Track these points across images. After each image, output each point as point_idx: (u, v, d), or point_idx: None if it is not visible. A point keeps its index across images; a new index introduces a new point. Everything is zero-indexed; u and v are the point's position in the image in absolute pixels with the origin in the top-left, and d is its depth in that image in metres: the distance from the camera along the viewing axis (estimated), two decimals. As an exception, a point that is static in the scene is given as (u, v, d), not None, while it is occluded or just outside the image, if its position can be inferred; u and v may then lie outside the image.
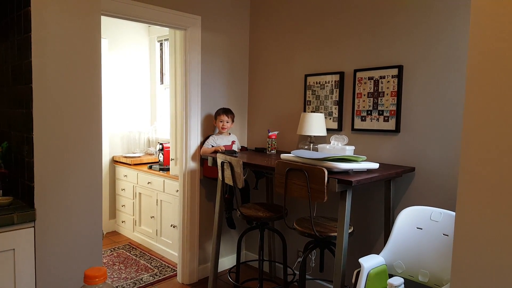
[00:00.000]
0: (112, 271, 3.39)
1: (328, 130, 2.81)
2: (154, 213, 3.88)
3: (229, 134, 3.20)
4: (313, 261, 2.97)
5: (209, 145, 3.07)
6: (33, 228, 1.61)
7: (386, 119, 2.49)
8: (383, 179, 2.16)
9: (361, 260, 1.95)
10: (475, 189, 1.04)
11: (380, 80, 2.51)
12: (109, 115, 4.41)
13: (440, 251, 1.96)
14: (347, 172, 2.07)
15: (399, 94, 2.42)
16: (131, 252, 3.87)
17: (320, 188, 1.98)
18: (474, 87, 1.03)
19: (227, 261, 3.45)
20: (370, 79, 2.57)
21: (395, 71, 2.44)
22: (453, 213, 1.98)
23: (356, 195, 2.70)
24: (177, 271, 3.32)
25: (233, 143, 3.17)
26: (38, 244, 1.63)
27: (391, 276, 2.06)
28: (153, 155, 4.50)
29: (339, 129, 2.78)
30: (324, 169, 1.96)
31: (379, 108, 2.52)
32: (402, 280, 1.77)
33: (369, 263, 1.95)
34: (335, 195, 2.78)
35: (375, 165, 2.15)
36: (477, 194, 1.03)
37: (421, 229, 2.05)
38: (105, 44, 4.28)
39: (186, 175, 3.11)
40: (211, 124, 3.23)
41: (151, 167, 3.97)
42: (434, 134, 2.30)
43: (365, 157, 2.15)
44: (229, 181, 2.59)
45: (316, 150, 2.77)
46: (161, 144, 4.01)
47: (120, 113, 4.53)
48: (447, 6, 2.21)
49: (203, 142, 3.16)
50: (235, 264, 2.91)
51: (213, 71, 3.20)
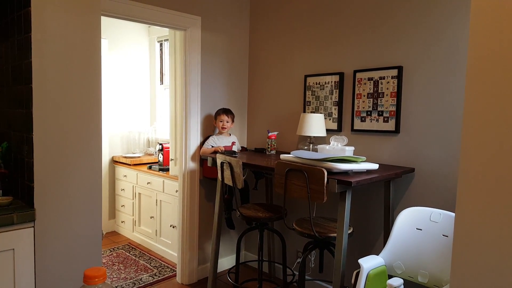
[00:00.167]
0: (111, 271, 3.38)
1: (327, 130, 2.81)
2: (153, 213, 3.88)
3: (229, 134, 3.20)
4: (313, 261, 2.97)
5: (209, 146, 3.07)
6: (33, 228, 1.61)
7: (385, 119, 2.50)
8: (383, 180, 2.16)
9: (361, 260, 1.95)
10: (475, 190, 1.04)
11: (380, 80, 2.51)
12: (109, 115, 4.41)
13: (439, 252, 1.96)
14: (346, 172, 2.07)
15: (398, 94, 2.43)
16: (130, 252, 3.86)
17: (319, 188, 1.98)
18: (474, 87, 1.03)
19: (227, 262, 3.45)
20: (370, 79, 2.57)
21: (394, 72, 2.44)
22: (453, 214, 1.98)
23: (355, 195, 2.70)
24: (176, 271, 3.32)
25: (233, 144, 3.17)
26: (37, 244, 1.63)
27: (390, 277, 2.06)
28: (153, 155, 4.50)
29: (339, 130, 2.78)
30: (323, 169, 1.96)
31: (379, 108, 2.53)
32: (401, 281, 1.77)
33: (369, 263, 1.95)
34: (334, 195, 2.78)
35: (375, 166, 2.15)
36: (477, 195, 1.03)
37: (421, 230, 2.05)
38: (105, 44, 4.28)
39: (185, 176, 3.11)
40: (211, 124, 3.23)
41: (150, 167, 3.97)
42: (433, 135, 2.30)
43: (364, 158, 2.15)
44: (228, 181, 2.59)
45: (315, 150, 2.77)
46: (161, 144, 4.01)
47: (120, 113, 4.54)
48: (447, 6, 2.21)
49: (202, 142, 3.16)
50: (235, 264, 2.91)
51: (213, 71, 3.20)
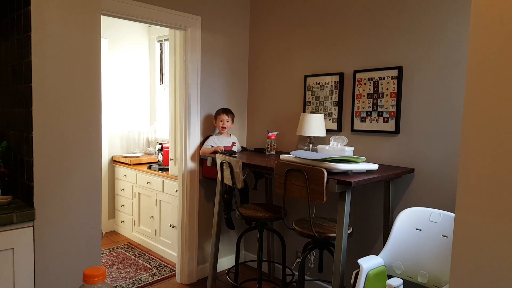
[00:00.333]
0: (111, 270, 3.38)
1: (327, 131, 2.81)
2: (153, 213, 3.88)
3: (230, 135, 3.20)
4: (312, 261, 2.97)
5: (208, 146, 3.07)
6: (32, 227, 1.61)
7: (385, 120, 2.50)
8: (383, 180, 2.16)
9: (360, 261, 1.95)
10: (475, 190, 1.04)
11: (380, 81, 2.51)
12: (109, 115, 4.41)
13: (439, 252, 1.96)
14: (346, 173, 2.07)
15: (398, 95, 2.43)
16: (130, 252, 3.86)
17: (319, 188, 1.98)
18: (474, 87, 1.03)
19: (226, 262, 3.45)
20: (370, 80, 2.57)
21: (394, 72, 2.44)
22: (452, 214, 1.98)
23: (355, 196, 2.70)
24: (176, 271, 3.32)
25: (233, 144, 3.17)
26: (37, 243, 1.63)
27: (390, 277, 2.06)
28: (153, 155, 4.50)
29: (339, 130, 2.78)
30: (323, 169, 1.96)
31: (379, 109, 2.53)
32: (401, 281, 1.77)
33: (368, 264, 1.95)
34: (334, 196, 2.78)
35: (375, 166, 2.15)
36: (477, 195, 1.03)
37: (420, 230, 2.05)
38: (105, 44, 4.28)
39: (185, 175, 3.11)
40: (211, 124, 3.23)
41: (150, 167, 3.97)
42: (433, 135, 2.30)
43: (364, 158, 2.15)
44: (228, 181, 2.59)
45: (315, 150, 2.77)
46: (161, 144, 4.01)
47: (119, 113, 4.53)
48: (447, 6, 2.22)
49: (202, 142, 3.16)
50: (234, 264, 2.91)
51: (213, 71, 3.20)
